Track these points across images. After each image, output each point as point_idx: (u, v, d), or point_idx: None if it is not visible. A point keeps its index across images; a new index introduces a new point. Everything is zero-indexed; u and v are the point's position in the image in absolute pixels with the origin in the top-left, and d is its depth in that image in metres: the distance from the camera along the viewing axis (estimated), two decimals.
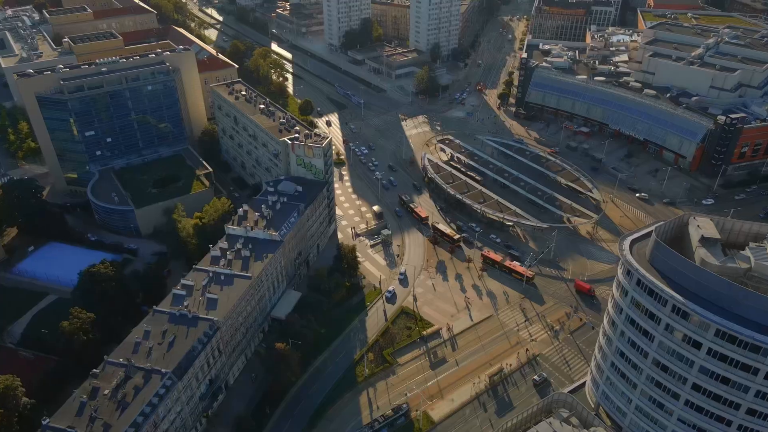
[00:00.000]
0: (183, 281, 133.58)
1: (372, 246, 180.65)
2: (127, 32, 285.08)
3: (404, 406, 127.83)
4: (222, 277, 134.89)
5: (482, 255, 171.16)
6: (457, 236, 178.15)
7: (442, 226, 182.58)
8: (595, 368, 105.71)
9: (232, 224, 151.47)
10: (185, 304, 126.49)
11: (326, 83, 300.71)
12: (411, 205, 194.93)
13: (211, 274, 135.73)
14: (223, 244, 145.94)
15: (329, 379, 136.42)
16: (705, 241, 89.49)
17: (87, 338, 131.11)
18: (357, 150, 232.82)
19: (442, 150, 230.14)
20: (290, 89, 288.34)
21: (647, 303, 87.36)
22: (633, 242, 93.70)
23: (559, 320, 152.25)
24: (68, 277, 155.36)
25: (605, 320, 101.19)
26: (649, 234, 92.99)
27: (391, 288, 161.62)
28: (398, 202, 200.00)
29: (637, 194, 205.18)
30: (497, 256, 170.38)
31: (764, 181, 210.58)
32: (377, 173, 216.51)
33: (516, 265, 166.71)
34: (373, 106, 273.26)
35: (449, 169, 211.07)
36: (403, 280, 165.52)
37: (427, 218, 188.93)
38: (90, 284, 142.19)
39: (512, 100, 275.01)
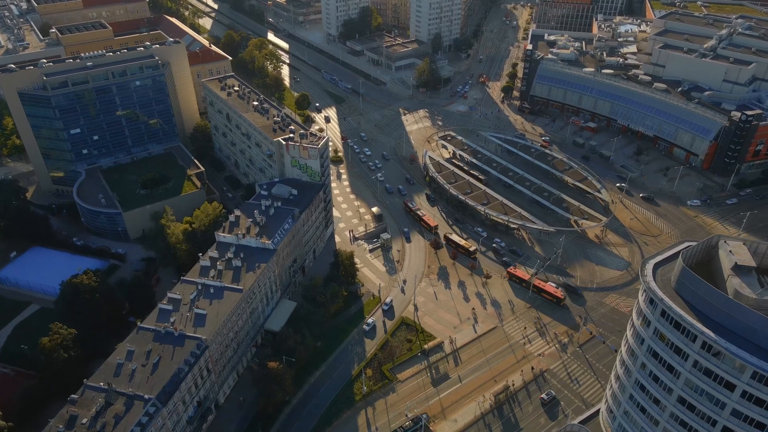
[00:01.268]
0: (170, 294, 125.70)
1: (371, 251, 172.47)
2: (117, 22, 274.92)
3: (424, 416, 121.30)
4: (211, 290, 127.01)
5: (508, 272, 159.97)
6: (473, 248, 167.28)
7: (456, 237, 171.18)
8: (610, 397, 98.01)
9: (223, 231, 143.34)
10: (171, 320, 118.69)
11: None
12: (419, 212, 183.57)
13: (199, 287, 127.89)
14: (213, 252, 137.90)
15: (325, 397, 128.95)
16: (738, 269, 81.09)
17: (68, 355, 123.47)
18: (357, 148, 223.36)
19: (444, 147, 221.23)
20: (286, 82, 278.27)
21: (673, 337, 79.32)
22: (656, 266, 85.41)
23: (568, 332, 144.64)
24: (52, 286, 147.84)
25: (623, 348, 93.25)
26: (673, 257, 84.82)
27: (370, 321, 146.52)
28: (404, 211, 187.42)
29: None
30: (525, 274, 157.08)
31: None
32: (380, 175, 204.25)
33: (549, 286, 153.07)
34: (372, 100, 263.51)
35: (451, 167, 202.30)
36: (388, 311, 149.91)
37: (436, 227, 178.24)
38: (72, 296, 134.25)
39: (516, 94, 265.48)
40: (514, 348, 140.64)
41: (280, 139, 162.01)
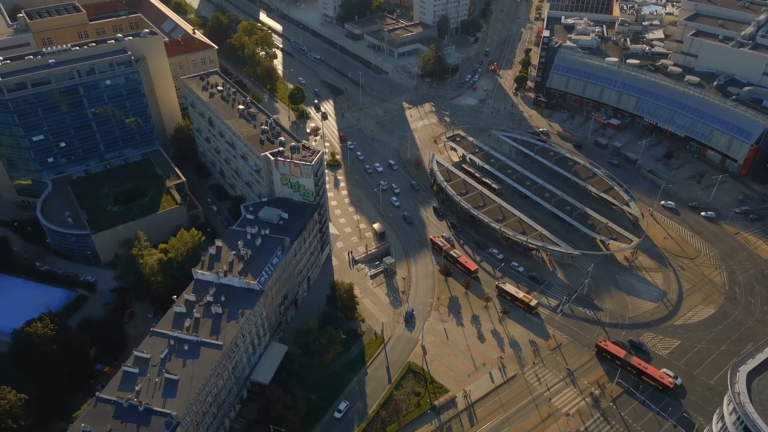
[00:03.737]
0: (136, 353, 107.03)
1: (372, 276, 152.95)
2: (92, 4, 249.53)
3: None
4: (186, 347, 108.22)
5: (597, 346, 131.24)
6: (534, 302, 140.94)
7: (512, 288, 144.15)
8: None
9: (202, 267, 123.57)
10: (137, 388, 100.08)
11: (321, 64, 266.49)
12: (453, 252, 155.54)
13: (172, 342, 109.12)
14: (189, 295, 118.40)
15: None
16: None
17: (18, 426, 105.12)
18: (361, 155, 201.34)
19: (453, 149, 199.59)
20: (279, 70, 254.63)
21: None
22: (750, 376, 65.96)
23: (598, 382, 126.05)
24: (10, 324, 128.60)
25: None
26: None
27: (341, 406, 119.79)
28: (432, 250, 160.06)
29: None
30: (620, 350, 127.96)
31: None
32: (395, 200, 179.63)
33: (659, 372, 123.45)
34: (373, 92, 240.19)
35: (462, 175, 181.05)
36: (344, 418, 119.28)
37: (476, 271, 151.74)
38: (25, 350, 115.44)
39: (530, 84, 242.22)
40: (538, 402, 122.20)
41: (267, 153, 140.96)
